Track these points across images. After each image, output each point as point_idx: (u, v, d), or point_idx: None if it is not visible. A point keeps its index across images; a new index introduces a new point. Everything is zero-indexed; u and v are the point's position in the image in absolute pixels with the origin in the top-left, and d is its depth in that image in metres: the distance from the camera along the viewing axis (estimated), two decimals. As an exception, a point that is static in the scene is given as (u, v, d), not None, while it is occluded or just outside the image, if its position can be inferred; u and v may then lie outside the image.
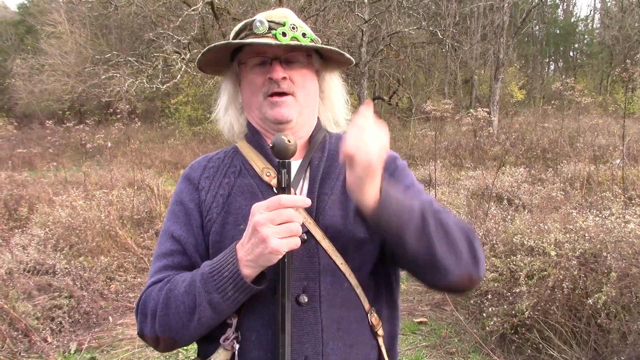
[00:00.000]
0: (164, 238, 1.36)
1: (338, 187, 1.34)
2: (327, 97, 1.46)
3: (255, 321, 1.23)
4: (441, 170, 11.02)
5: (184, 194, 1.38)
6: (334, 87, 1.47)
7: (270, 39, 1.27)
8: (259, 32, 1.28)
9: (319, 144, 1.41)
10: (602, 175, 8.40)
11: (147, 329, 1.25)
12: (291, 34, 1.28)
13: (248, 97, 1.37)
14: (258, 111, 1.35)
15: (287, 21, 1.29)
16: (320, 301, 1.24)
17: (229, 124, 1.45)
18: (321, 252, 1.26)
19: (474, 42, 25.30)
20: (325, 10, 17.45)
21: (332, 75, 1.46)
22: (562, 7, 38.40)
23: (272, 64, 1.29)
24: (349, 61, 1.39)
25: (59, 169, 12.09)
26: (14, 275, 4.95)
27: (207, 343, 1.29)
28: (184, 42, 16.52)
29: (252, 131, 1.41)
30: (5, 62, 30.42)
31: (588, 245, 4.10)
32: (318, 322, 1.23)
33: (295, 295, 1.22)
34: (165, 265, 1.31)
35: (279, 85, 1.29)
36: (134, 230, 7.01)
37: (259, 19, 1.28)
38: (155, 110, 27.76)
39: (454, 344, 4.40)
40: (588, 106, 16.08)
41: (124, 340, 4.68)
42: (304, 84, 1.34)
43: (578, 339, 3.80)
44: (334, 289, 1.26)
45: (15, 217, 7.83)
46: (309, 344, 1.22)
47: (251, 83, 1.34)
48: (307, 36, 1.32)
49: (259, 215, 1.08)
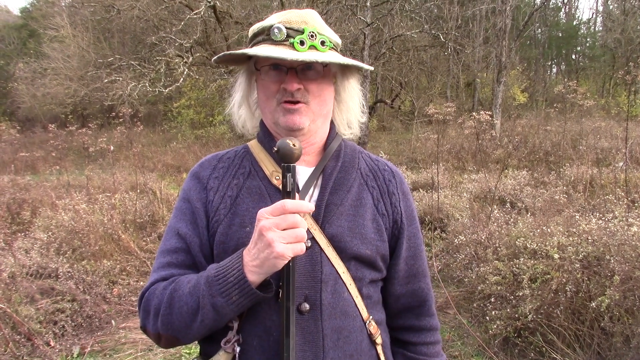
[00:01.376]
0: (170, 234, 1.35)
1: (349, 199, 1.33)
2: (343, 101, 1.44)
3: (257, 327, 1.23)
4: (444, 173, 11.01)
5: (192, 192, 1.37)
6: (351, 91, 1.44)
7: (287, 47, 1.24)
8: (277, 39, 1.24)
9: (333, 152, 1.40)
10: (604, 178, 8.38)
11: (149, 325, 1.26)
12: (309, 42, 1.25)
13: (263, 100, 1.35)
14: (271, 115, 1.33)
15: (307, 28, 1.26)
16: (321, 310, 1.24)
17: (242, 121, 1.45)
18: (324, 259, 1.26)
19: (476, 45, 25.30)
20: (327, 13, 17.45)
21: (350, 80, 1.43)
22: (564, 10, 38.38)
23: (288, 73, 1.27)
24: (368, 69, 1.37)
25: (62, 172, 12.10)
26: (16, 279, 4.94)
27: (209, 343, 1.29)
28: (187, 45, 16.52)
29: (264, 132, 1.40)
30: (8, 66, 30.45)
31: (591, 248, 4.09)
32: (319, 330, 1.23)
33: (297, 303, 1.22)
34: (169, 262, 1.32)
35: (293, 95, 1.27)
36: (137, 233, 7.02)
37: (277, 26, 1.24)
38: (158, 113, 27.77)
39: (457, 347, 4.39)
40: (590, 109, 16.06)
41: (127, 344, 4.68)
42: (319, 92, 1.31)
43: (581, 343, 3.79)
44: (334, 298, 1.26)
45: (18, 220, 7.83)
46: (310, 352, 1.23)
47: (265, 88, 1.32)
48: (326, 44, 1.28)
49: (265, 220, 1.08)
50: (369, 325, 1.32)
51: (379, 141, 20.61)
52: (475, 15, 26.64)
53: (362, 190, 1.37)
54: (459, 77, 27.91)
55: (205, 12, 15.99)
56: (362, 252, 1.29)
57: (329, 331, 1.24)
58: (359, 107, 1.46)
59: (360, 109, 1.47)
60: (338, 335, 1.25)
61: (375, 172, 1.43)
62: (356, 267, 1.29)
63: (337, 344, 1.25)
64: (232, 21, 17.83)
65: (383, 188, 1.40)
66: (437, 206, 7.37)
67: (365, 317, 1.32)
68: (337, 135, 1.44)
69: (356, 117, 1.46)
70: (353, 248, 1.28)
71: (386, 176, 1.43)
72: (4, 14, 43.31)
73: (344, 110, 1.44)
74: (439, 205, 7.40)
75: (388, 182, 1.42)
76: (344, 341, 1.26)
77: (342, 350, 1.26)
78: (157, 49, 19.00)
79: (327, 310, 1.24)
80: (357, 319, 1.30)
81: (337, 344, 1.25)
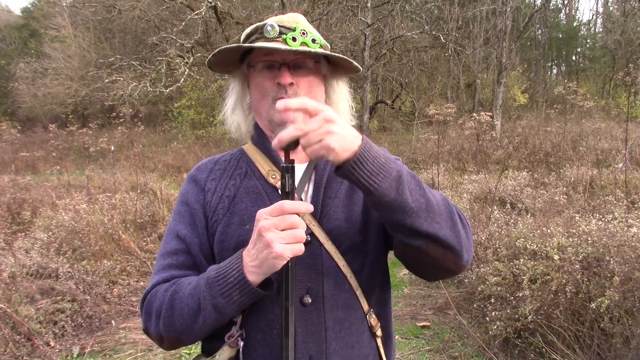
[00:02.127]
0: (169, 237, 1.38)
1: (342, 191, 1.36)
2: (333, 103, 1.47)
3: (260, 320, 1.26)
4: (444, 174, 11.01)
5: (190, 194, 1.40)
6: (340, 93, 1.48)
7: (280, 43, 1.29)
8: (270, 36, 1.30)
9: None
10: (604, 179, 8.37)
11: (151, 328, 1.27)
12: (301, 39, 1.30)
13: (256, 100, 1.39)
14: (266, 114, 1.36)
15: (298, 26, 1.31)
16: (323, 302, 1.27)
17: (236, 124, 1.47)
18: (324, 254, 1.28)
19: (476, 46, 25.30)
20: (328, 14, 17.48)
21: (339, 82, 1.48)
22: (565, 12, 38.40)
23: (281, 69, 1.31)
24: (357, 69, 1.40)
25: (62, 172, 12.10)
26: (16, 279, 4.95)
27: (211, 340, 1.31)
28: (188, 46, 16.55)
29: (258, 133, 1.43)
30: (9, 66, 30.44)
31: (591, 249, 4.09)
32: (321, 322, 1.26)
33: (299, 296, 1.25)
34: (169, 263, 1.34)
35: (286, 91, 1.30)
36: (137, 234, 7.03)
37: (270, 23, 1.30)
38: (159, 113, 27.80)
39: (457, 348, 4.39)
40: (591, 110, 16.06)
41: (127, 344, 4.68)
42: (311, 89, 1.35)
43: (581, 344, 3.79)
44: (336, 290, 1.29)
45: (18, 220, 7.84)
46: (314, 344, 1.25)
47: (259, 86, 1.35)
48: (316, 42, 1.33)
49: (264, 221, 1.09)
50: (370, 317, 1.35)
51: (380, 142, 20.61)
52: (476, 17, 26.66)
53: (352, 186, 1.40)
54: (460, 78, 27.92)
55: (206, 13, 16.03)
56: (359, 240, 1.32)
57: (331, 322, 1.27)
58: (348, 110, 1.50)
59: (350, 112, 1.50)
60: (340, 327, 1.28)
61: None
62: (355, 258, 1.32)
63: (339, 335, 1.28)
64: (233, 21, 17.86)
65: None
66: (437, 207, 7.34)
67: (366, 310, 1.34)
68: None
69: (347, 120, 1.48)
70: (351, 238, 1.31)
71: None
72: (5, 13, 43.38)
73: None
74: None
75: None
76: (345, 332, 1.29)
77: (344, 341, 1.28)
78: (158, 49, 19.04)
79: (329, 302, 1.27)
80: (359, 311, 1.32)
81: (339, 335, 1.28)
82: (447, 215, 1.16)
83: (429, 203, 1.12)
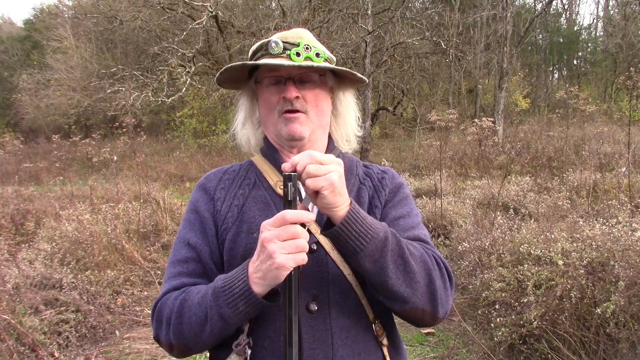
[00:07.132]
0: (179, 245, 1.40)
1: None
2: (340, 115, 1.52)
3: (267, 328, 1.27)
4: (447, 179, 11.00)
5: (200, 203, 1.43)
6: (347, 104, 1.52)
7: (285, 59, 1.33)
8: (274, 52, 1.34)
9: None
10: (608, 183, 8.36)
11: (162, 335, 1.29)
12: (305, 54, 1.34)
13: (264, 114, 1.43)
14: (273, 127, 1.41)
15: (302, 41, 1.35)
16: (329, 309, 1.28)
17: (246, 138, 1.52)
18: (330, 262, 1.30)
19: (477, 52, 25.32)
20: (329, 22, 17.52)
21: (346, 93, 1.52)
22: (565, 16, 38.40)
23: (286, 84, 1.35)
24: (362, 80, 1.44)
25: (65, 183, 12.15)
26: (20, 290, 4.95)
27: (219, 349, 1.32)
28: (189, 55, 16.59)
29: (268, 145, 1.47)
30: (12, 78, 30.62)
31: (595, 254, 4.08)
32: (328, 329, 1.27)
33: (305, 303, 1.26)
34: (180, 271, 1.36)
35: (292, 104, 1.34)
36: (140, 243, 7.03)
37: (274, 40, 1.35)
38: (161, 123, 27.89)
39: (462, 354, 4.37)
40: (593, 114, 16.07)
41: (131, 355, 4.67)
42: (317, 102, 1.39)
43: (587, 349, 3.77)
44: (341, 298, 1.30)
45: (22, 231, 7.85)
46: (320, 350, 1.26)
47: (267, 101, 1.40)
48: (321, 56, 1.37)
49: (267, 232, 1.10)
50: (376, 326, 1.35)
51: (382, 148, 20.63)
52: (476, 22, 26.71)
53: (360, 190, 1.45)
54: (461, 83, 27.93)
55: (207, 22, 16.08)
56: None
57: (337, 329, 1.28)
58: (355, 120, 1.55)
59: (357, 123, 1.55)
60: (347, 334, 1.29)
61: (370, 175, 1.51)
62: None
63: (345, 342, 1.28)
64: (234, 30, 17.92)
65: (377, 184, 1.47)
66: (440, 213, 7.36)
67: (372, 318, 1.35)
68: (335, 147, 1.52)
69: (353, 131, 1.54)
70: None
71: (379, 175, 1.51)
72: (8, 25, 43.60)
73: (341, 125, 1.53)
74: (442, 212, 7.39)
75: (381, 179, 1.49)
76: (352, 340, 1.30)
77: (350, 348, 1.29)
78: (159, 59, 19.09)
79: (334, 309, 1.28)
80: (364, 319, 1.33)
81: (346, 342, 1.28)
82: (424, 273, 1.25)
83: (407, 265, 1.21)
